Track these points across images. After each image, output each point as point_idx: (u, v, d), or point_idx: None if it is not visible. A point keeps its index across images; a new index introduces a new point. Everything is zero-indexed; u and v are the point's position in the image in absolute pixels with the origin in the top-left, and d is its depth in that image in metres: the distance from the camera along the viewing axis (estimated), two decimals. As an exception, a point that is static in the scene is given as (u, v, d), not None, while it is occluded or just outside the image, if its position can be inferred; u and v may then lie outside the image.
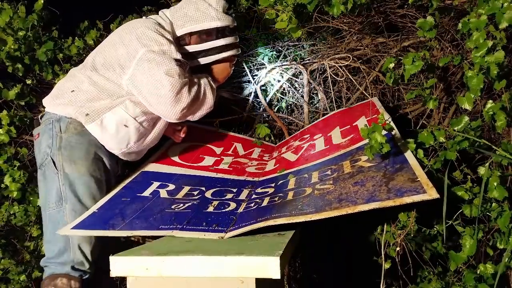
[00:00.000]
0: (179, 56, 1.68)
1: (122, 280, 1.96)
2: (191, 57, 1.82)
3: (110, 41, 1.73)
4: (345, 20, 2.24)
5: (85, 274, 1.58)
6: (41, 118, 1.76)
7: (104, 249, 1.62)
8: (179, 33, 1.80)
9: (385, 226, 1.47)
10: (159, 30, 1.70)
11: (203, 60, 1.84)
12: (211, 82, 1.84)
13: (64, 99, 1.68)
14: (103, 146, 1.70)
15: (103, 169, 1.71)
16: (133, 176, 1.84)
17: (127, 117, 1.67)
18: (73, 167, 1.62)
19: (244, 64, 2.37)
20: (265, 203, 1.51)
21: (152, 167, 1.92)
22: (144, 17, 1.82)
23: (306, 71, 2.27)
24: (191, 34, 1.80)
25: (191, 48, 1.81)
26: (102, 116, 1.65)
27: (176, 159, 2.00)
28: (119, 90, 1.68)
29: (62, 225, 1.54)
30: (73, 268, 1.56)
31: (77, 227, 1.47)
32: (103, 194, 1.67)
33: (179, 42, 1.80)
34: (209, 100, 1.81)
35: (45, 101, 1.75)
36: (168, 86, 1.61)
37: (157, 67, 1.61)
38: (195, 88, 1.72)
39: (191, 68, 1.81)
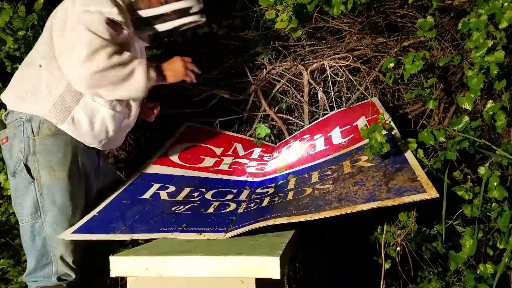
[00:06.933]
0: (119, 18, 1.46)
1: (121, 279, 1.96)
2: (147, 24, 1.61)
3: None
4: (345, 20, 2.25)
5: (72, 283, 1.51)
6: (5, 119, 1.57)
7: (91, 251, 1.59)
8: None
9: (385, 226, 1.47)
10: None
11: (160, 27, 1.61)
12: (151, 69, 1.56)
13: (26, 95, 1.50)
14: (81, 142, 1.55)
15: (82, 169, 1.57)
16: (133, 178, 1.83)
17: (96, 105, 1.51)
18: (52, 175, 1.48)
19: (243, 64, 2.37)
20: (265, 203, 1.51)
21: (152, 168, 1.91)
22: None
23: (306, 71, 2.27)
24: None
25: (146, 12, 1.58)
26: (72, 112, 1.49)
27: (176, 160, 2.00)
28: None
29: (40, 238, 1.48)
30: (59, 279, 1.49)
31: (77, 231, 1.47)
32: (83, 197, 1.57)
33: (132, 7, 1.58)
34: (136, 83, 1.50)
35: (6, 98, 1.55)
36: (84, 40, 1.38)
37: (84, 24, 1.39)
38: (120, 58, 1.46)
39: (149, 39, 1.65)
